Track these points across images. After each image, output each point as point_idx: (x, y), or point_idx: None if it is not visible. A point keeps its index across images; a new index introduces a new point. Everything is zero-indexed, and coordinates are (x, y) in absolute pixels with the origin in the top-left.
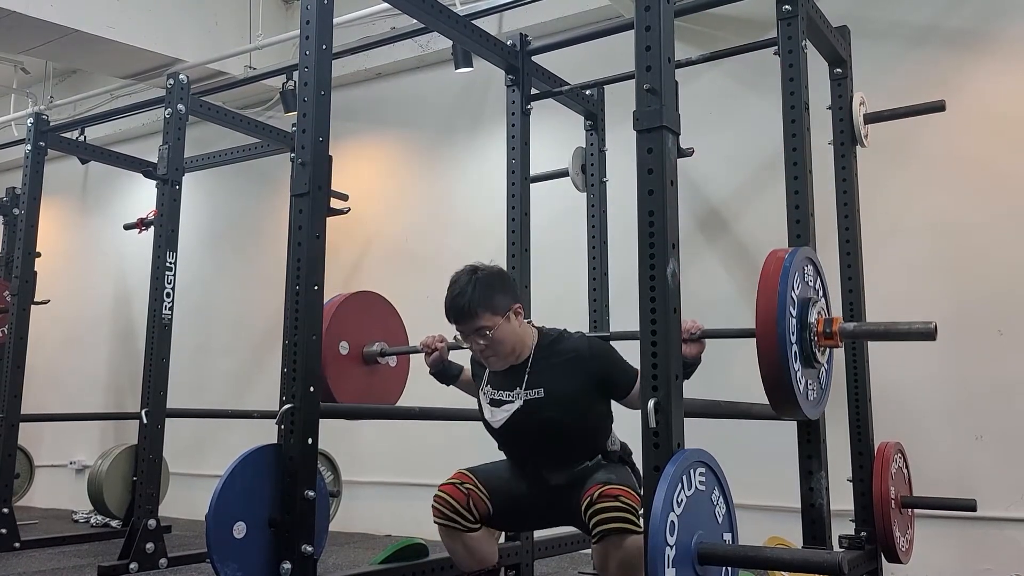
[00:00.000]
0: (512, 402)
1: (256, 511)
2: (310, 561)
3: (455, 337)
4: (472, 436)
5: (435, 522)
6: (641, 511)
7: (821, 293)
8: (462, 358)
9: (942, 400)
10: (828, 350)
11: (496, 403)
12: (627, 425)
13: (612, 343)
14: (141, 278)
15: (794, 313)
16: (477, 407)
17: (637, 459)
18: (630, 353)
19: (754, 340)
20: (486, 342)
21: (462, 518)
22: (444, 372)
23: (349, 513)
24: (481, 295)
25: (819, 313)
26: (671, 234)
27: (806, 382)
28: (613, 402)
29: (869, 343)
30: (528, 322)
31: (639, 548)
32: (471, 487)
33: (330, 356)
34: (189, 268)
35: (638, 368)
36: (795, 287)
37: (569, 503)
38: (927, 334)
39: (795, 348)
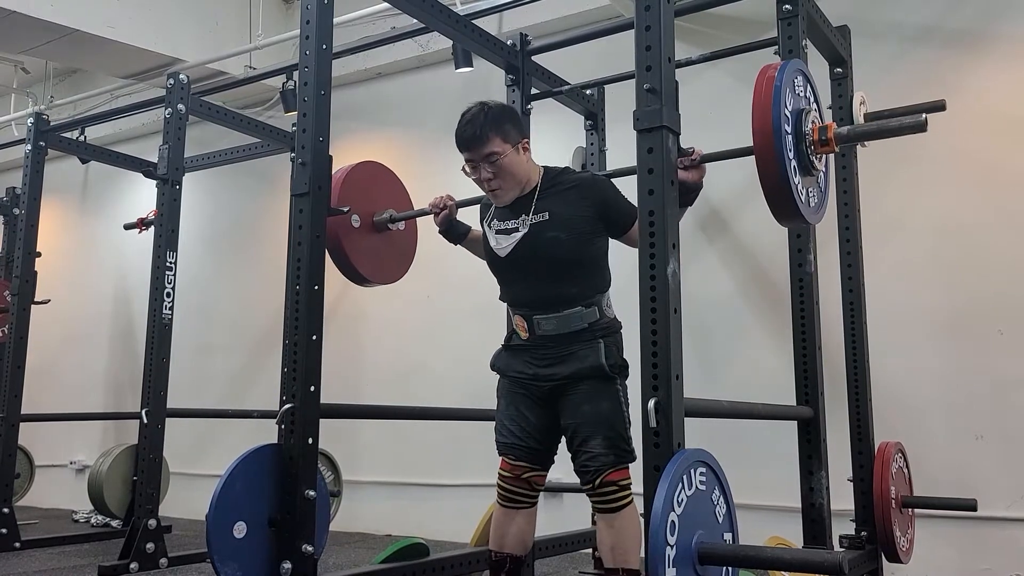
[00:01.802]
0: (518, 229)
1: (256, 511)
2: (310, 561)
3: (463, 169)
4: (472, 436)
5: (499, 503)
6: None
7: (813, 101)
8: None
9: (943, 400)
10: (824, 156)
11: (503, 232)
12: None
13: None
14: (141, 278)
15: (789, 128)
16: (483, 246)
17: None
18: (631, 350)
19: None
20: (494, 170)
21: (526, 497)
22: (452, 230)
23: (349, 513)
24: (492, 122)
25: (813, 122)
26: (671, 234)
27: (806, 191)
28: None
29: (870, 343)
30: (534, 162)
31: (632, 513)
32: (528, 474)
33: (343, 230)
34: (189, 268)
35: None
36: (787, 102)
37: (560, 408)
38: (918, 126)
39: (793, 162)
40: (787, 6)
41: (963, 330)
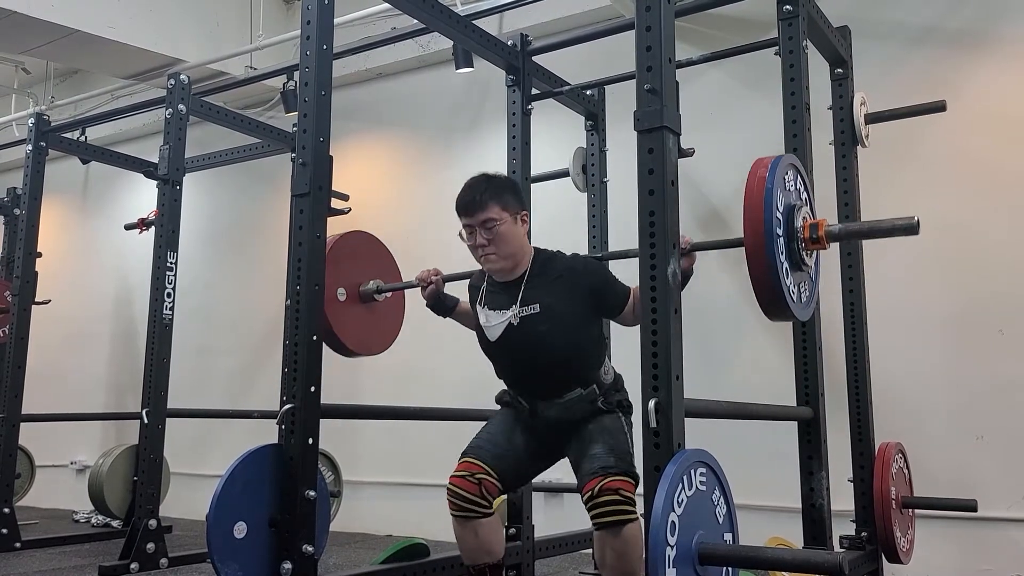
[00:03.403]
0: (508, 320)
1: (257, 511)
2: (311, 561)
3: (459, 234)
4: (472, 436)
5: (451, 513)
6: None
7: (805, 197)
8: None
9: (943, 400)
10: (815, 252)
11: (494, 317)
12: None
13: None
14: (142, 278)
15: (780, 223)
16: (476, 331)
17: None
18: (631, 350)
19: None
20: (490, 236)
21: (477, 506)
22: (440, 305)
23: (350, 513)
24: (494, 190)
25: (804, 218)
26: (672, 234)
27: (797, 286)
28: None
29: (870, 344)
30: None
31: (635, 533)
32: (481, 476)
33: (328, 302)
34: (190, 268)
35: (630, 287)
36: (779, 202)
37: (565, 445)
38: (910, 228)
39: (783, 257)
40: (787, 6)
41: (963, 330)
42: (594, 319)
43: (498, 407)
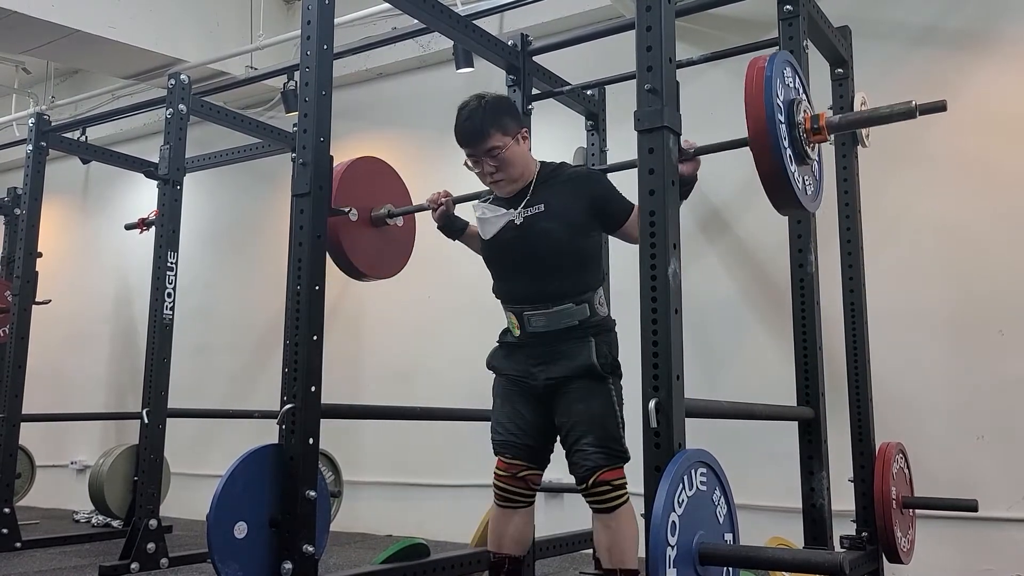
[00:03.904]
0: (511, 217)
1: (257, 511)
2: (311, 561)
3: (465, 163)
4: (473, 436)
5: (496, 504)
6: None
7: (802, 91)
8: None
9: (943, 400)
10: (817, 145)
11: (492, 212)
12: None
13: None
14: (142, 278)
15: (782, 117)
16: (478, 239)
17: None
18: (632, 351)
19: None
20: (496, 163)
21: (523, 497)
22: (450, 226)
23: (350, 513)
24: (491, 116)
25: (804, 111)
26: (672, 234)
27: (803, 179)
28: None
29: (871, 344)
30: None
31: (628, 512)
32: (524, 473)
33: (340, 225)
34: (190, 268)
35: (633, 203)
36: (779, 92)
37: (554, 408)
38: (908, 112)
39: (788, 150)
40: (788, 6)
41: (964, 330)
42: (595, 228)
43: (493, 380)
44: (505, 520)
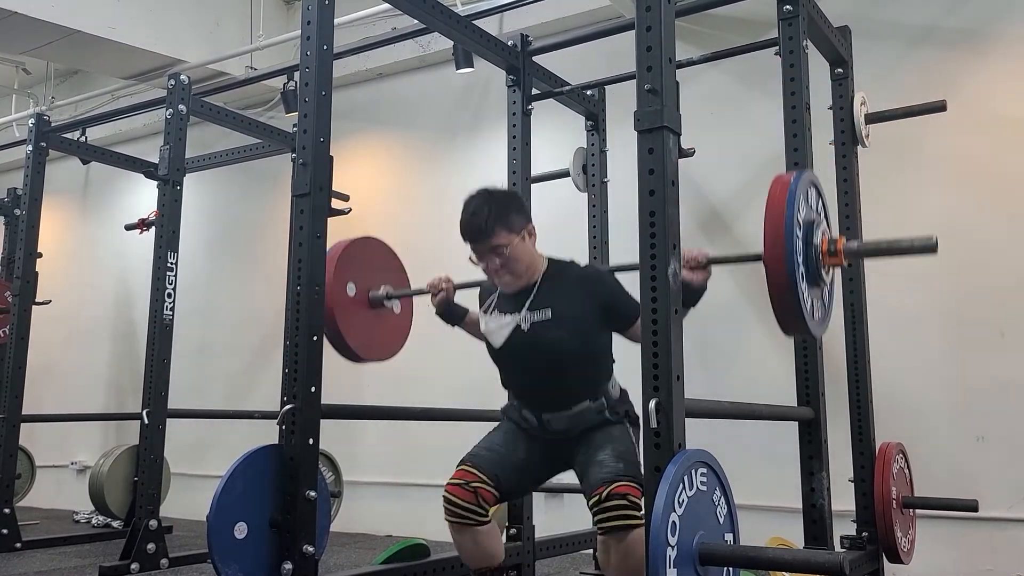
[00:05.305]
0: (517, 322)
1: (257, 511)
2: (311, 561)
3: (470, 258)
4: (473, 437)
5: (446, 520)
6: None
7: (823, 215)
8: (467, 307)
9: (944, 400)
10: (831, 269)
11: (499, 321)
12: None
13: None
14: (142, 279)
15: (800, 235)
16: (484, 339)
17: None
18: (632, 354)
19: (752, 337)
20: (502, 260)
21: (473, 514)
22: (450, 313)
23: (350, 513)
24: (497, 213)
25: (823, 234)
26: (672, 234)
27: (812, 301)
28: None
29: (870, 345)
30: (539, 250)
31: (640, 538)
32: (477, 484)
33: (337, 298)
34: (190, 269)
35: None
36: (800, 210)
37: (570, 455)
38: (929, 247)
39: (802, 269)
40: (788, 6)
41: (964, 331)
42: (605, 330)
43: (503, 417)
44: (460, 537)
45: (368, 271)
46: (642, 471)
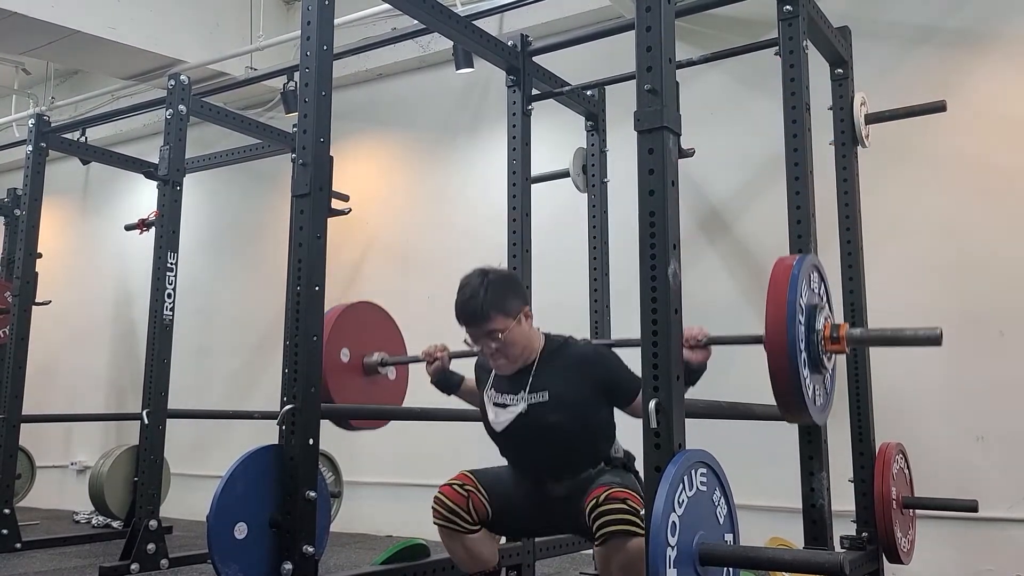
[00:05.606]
0: (515, 405)
1: (257, 512)
2: (311, 562)
3: (465, 340)
4: (473, 437)
5: (434, 523)
6: (643, 512)
7: (825, 299)
8: (463, 369)
9: (943, 401)
10: (833, 356)
11: (500, 406)
12: (629, 431)
13: (614, 349)
14: (142, 279)
15: (802, 320)
16: (480, 412)
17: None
18: (632, 359)
19: (757, 344)
20: (497, 345)
21: (461, 519)
22: (445, 382)
23: (350, 514)
24: (493, 298)
25: (825, 319)
26: (672, 235)
27: (814, 388)
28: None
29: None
30: (536, 328)
31: (641, 550)
32: (471, 489)
33: (331, 364)
34: (190, 269)
35: (640, 379)
36: (803, 295)
37: (568, 513)
38: (933, 339)
39: (803, 355)
40: (787, 7)
41: (964, 331)
42: (604, 406)
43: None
44: (450, 543)
45: (363, 336)
46: (642, 491)
